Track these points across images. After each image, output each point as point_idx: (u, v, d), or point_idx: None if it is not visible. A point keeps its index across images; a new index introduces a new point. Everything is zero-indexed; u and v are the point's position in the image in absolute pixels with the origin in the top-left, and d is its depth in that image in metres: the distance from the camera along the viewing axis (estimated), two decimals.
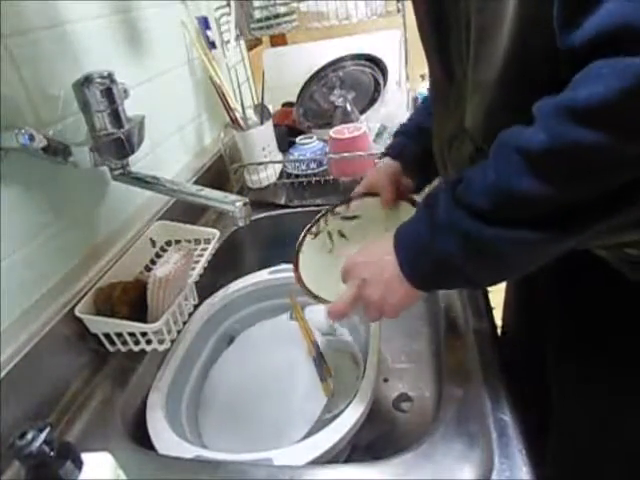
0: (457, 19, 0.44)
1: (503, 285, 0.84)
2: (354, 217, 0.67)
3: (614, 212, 0.35)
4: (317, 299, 0.57)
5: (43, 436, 0.36)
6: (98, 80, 0.58)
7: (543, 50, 0.35)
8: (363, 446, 0.63)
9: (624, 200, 0.35)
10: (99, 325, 0.63)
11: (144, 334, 0.63)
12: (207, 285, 0.78)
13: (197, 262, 0.73)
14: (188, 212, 0.89)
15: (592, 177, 0.34)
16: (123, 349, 0.65)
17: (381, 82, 1.20)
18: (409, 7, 1.05)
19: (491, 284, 0.46)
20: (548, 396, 0.65)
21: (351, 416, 0.53)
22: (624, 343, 0.54)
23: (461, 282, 0.45)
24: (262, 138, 1.03)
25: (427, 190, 0.70)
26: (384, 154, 0.70)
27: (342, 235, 0.67)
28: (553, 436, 0.66)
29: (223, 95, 1.01)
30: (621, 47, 0.29)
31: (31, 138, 0.55)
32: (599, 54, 0.30)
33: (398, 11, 1.06)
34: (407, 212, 0.60)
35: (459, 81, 0.48)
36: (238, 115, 1.02)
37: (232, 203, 0.62)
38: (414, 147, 0.67)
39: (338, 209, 0.67)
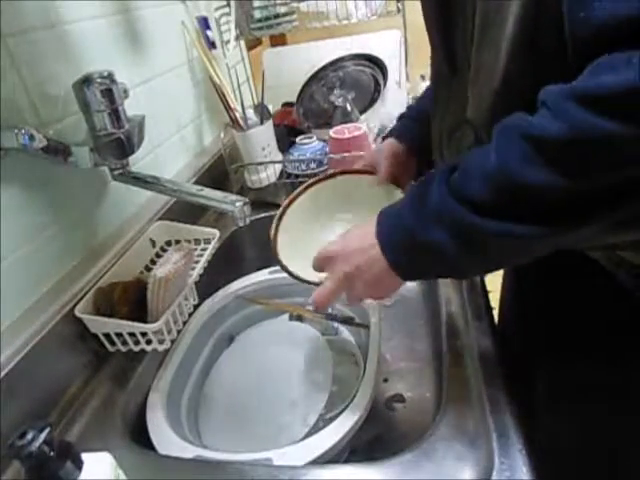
0: (462, 6, 0.43)
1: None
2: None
3: (617, 206, 0.34)
4: (291, 274, 0.58)
5: (43, 436, 0.36)
6: (98, 80, 0.58)
7: (550, 36, 0.34)
8: (363, 446, 0.63)
9: (627, 196, 0.33)
10: (99, 325, 0.63)
11: (144, 334, 0.63)
12: (207, 285, 0.78)
13: (197, 262, 0.73)
14: (188, 212, 0.89)
15: (604, 169, 0.32)
16: (123, 349, 0.65)
17: (381, 82, 1.20)
18: (409, 7, 1.06)
19: (478, 274, 0.45)
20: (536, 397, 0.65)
21: (351, 416, 0.53)
22: (608, 345, 0.54)
23: (447, 272, 0.44)
24: (262, 138, 1.03)
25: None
26: (387, 135, 0.68)
27: (348, 200, 0.66)
28: (539, 436, 0.66)
29: (223, 95, 1.01)
30: (636, 37, 0.28)
31: (31, 138, 0.55)
32: (612, 42, 0.29)
33: (398, 11, 1.06)
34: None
35: (462, 70, 0.47)
36: (238, 115, 1.02)
37: (232, 203, 0.62)
38: (418, 129, 0.65)
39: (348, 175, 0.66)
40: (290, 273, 0.59)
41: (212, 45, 1.07)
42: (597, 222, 0.35)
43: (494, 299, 0.72)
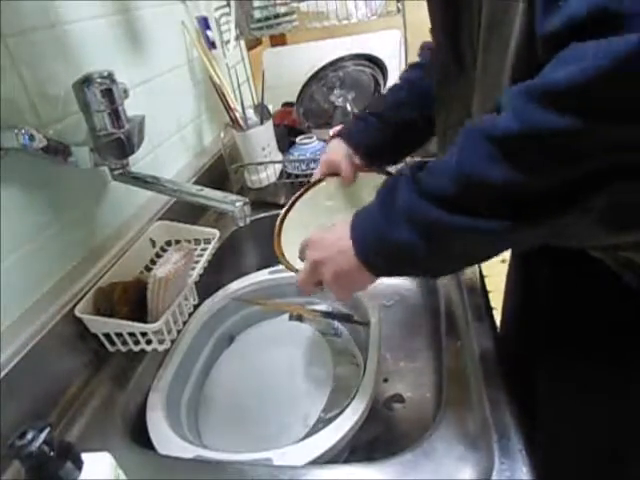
0: (469, 5, 0.43)
1: (503, 285, 0.84)
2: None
3: (573, 204, 0.34)
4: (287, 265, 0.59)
5: (43, 436, 0.36)
6: (98, 80, 0.58)
7: None
8: (363, 446, 0.63)
9: (585, 193, 0.33)
10: (99, 325, 0.63)
11: (144, 334, 0.63)
12: (207, 285, 0.78)
13: (197, 262, 0.73)
14: (188, 212, 0.89)
15: (559, 164, 0.32)
16: (123, 349, 0.65)
17: (381, 82, 1.20)
18: (409, 7, 1.05)
19: (447, 273, 0.46)
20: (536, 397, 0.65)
21: (351, 416, 0.53)
22: (609, 345, 0.54)
23: (418, 271, 0.44)
24: (262, 138, 1.03)
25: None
26: (334, 136, 0.69)
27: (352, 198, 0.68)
28: (539, 436, 0.66)
29: (223, 95, 1.01)
30: (596, 30, 0.28)
31: (31, 138, 0.55)
32: (575, 38, 0.29)
33: (398, 11, 1.06)
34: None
35: (468, 67, 0.47)
36: (238, 115, 1.02)
37: (232, 203, 0.62)
38: (375, 134, 0.66)
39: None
40: (291, 268, 0.60)
41: (212, 45, 1.07)
42: (562, 217, 0.35)
43: (494, 299, 0.72)
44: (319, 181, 0.68)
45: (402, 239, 0.40)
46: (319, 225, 0.65)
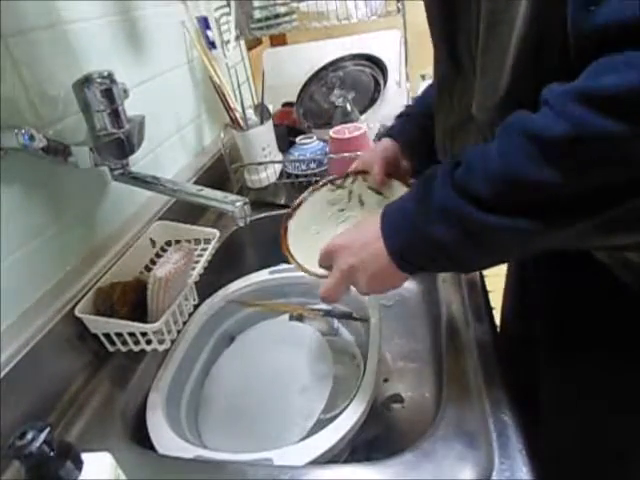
0: (466, 4, 0.43)
1: (503, 285, 0.84)
2: (379, 193, 0.65)
3: (615, 205, 0.35)
4: (299, 266, 0.58)
5: (43, 436, 0.36)
6: (98, 80, 0.58)
7: (558, 36, 0.34)
8: (363, 446, 0.63)
9: (627, 195, 0.34)
10: (99, 325, 0.63)
11: (144, 334, 0.63)
12: (207, 285, 0.78)
13: (197, 262, 0.73)
14: (188, 212, 0.89)
15: (610, 168, 0.33)
16: (123, 349, 0.65)
17: (381, 82, 1.20)
18: (409, 7, 1.05)
19: (479, 269, 0.46)
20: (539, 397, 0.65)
21: (351, 416, 0.53)
22: (610, 345, 0.54)
23: (449, 266, 0.44)
24: (262, 138, 1.03)
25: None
26: (384, 134, 0.69)
27: (361, 201, 0.66)
28: (539, 436, 0.66)
29: (223, 95, 1.01)
30: (636, 39, 0.29)
31: (31, 138, 0.55)
32: (612, 43, 0.30)
33: (398, 11, 1.06)
34: None
35: (466, 69, 0.47)
36: (238, 115, 1.02)
37: (232, 203, 0.62)
38: (415, 129, 0.66)
39: (367, 177, 0.66)
40: (300, 266, 0.59)
41: (212, 45, 1.07)
42: (597, 218, 0.36)
43: (494, 299, 0.72)
44: (336, 179, 0.67)
45: (437, 235, 0.40)
46: (326, 226, 0.65)
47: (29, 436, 0.36)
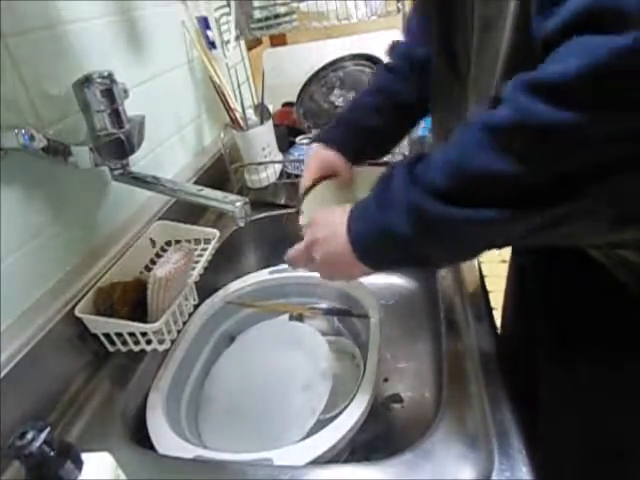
0: (462, 10, 0.43)
1: (503, 286, 0.84)
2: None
3: (569, 198, 0.34)
4: None
5: (43, 436, 0.36)
6: (98, 80, 0.58)
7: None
8: (363, 446, 0.63)
9: (581, 187, 0.34)
10: (99, 325, 0.63)
11: (144, 334, 0.63)
12: (207, 285, 0.78)
13: (197, 262, 0.73)
14: (188, 212, 0.89)
15: (552, 156, 0.33)
16: (123, 349, 0.65)
17: None
18: (409, 7, 1.05)
19: (440, 266, 0.45)
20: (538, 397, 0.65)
21: (351, 416, 0.53)
22: (610, 345, 0.54)
23: (410, 261, 0.44)
24: (262, 138, 1.03)
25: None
26: (316, 140, 0.69)
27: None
28: (539, 436, 0.66)
29: (223, 95, 1.01)
30: (594, 28, 0.29)
31: (31, 138, 0.55)
32: (573, 35, 0.30)
33: (398, 11, 1.06)
34: None
35: (463, 71, 0.47)
36: (238, 115, 1.02)
37: (232, 203, 0.62)
38: (346, 135, 0.66)
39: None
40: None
41: (212, 45, 1.07)
42: (557, 209, 0.35)
43: (494, 299, 0.72)
44: (313, 186, 0.67)
45: (396, 228, 0.40)
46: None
47: (29, 436, 0.36)
